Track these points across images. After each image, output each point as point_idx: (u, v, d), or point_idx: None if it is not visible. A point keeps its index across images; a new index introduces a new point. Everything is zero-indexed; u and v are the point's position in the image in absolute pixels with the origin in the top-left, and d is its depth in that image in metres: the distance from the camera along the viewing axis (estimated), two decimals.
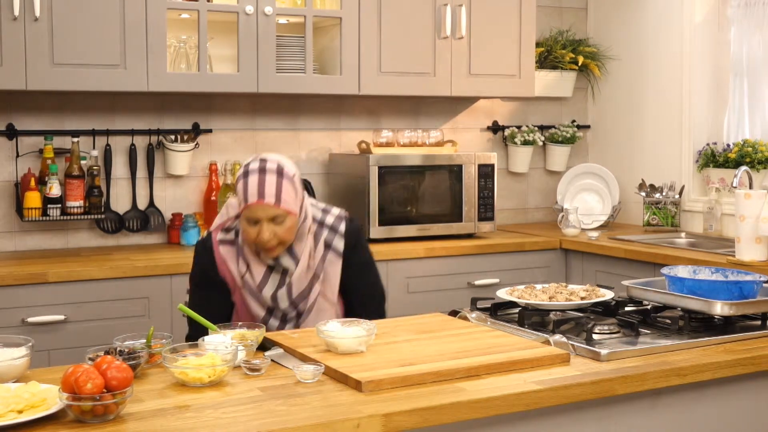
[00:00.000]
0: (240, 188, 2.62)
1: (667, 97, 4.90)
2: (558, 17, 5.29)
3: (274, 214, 2.58)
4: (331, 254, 2.75)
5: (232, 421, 1.78)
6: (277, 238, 2.60)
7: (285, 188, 2.61)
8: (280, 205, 2.58)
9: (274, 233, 2.59)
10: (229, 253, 2.70)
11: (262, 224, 2.59)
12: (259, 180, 2.60)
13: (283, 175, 2.62)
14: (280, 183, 2.60)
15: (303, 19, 4.18)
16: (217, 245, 2.72)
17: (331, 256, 2.75)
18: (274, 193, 2.58)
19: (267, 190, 2.58)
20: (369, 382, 1.97)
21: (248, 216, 2.60)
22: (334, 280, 2.76)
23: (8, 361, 2.00)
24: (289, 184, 2.62)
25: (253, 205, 2.58)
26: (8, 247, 4.05)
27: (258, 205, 2.58)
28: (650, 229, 4.75)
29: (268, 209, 2.58)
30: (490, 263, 4.35)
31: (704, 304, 2.49)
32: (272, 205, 2.58)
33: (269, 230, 2.58)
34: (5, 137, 4.02)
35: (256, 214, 2.58)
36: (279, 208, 2.58)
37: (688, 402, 2.24)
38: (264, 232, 2.58)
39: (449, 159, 4.45)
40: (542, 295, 2.63)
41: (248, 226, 2.61)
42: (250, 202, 2.58)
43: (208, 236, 2.77)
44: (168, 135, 4.26)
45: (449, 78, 4.51)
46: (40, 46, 3.66)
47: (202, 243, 2.77)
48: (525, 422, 2.02)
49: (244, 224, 2.63)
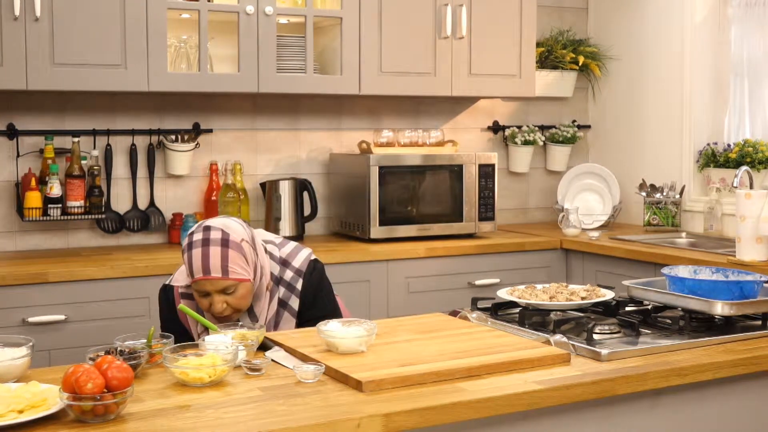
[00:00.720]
0: (185, 260, 2.52)
1: (667, 97, 4.90)
2: (558, 17, 5.29)
3: (223, 286, 2.48)
4: (286, 313, 2.66)
5: (233, 421, 1.78)
6: (231, 307, 2.51)
7: (231, 258, 2.48)
8: (228, 276, 2.47)
9: (226, 304, 2.50)
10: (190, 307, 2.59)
11: (212, 296, 2.50)
12: (203, 253, 2.48)
13: (228, 245, 2.49)
14: (225, 254, 2.48)
15: (303, 19, 4.18)
16: (179, 300, 2.63)
17: (287, 315, 2.66)
18: (219, 266, 2.47)
19: (212, 264, 2.47)
20: (369, 382, 1.97)
21: (197, 289, 2.52)
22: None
23: (9, 361, 2.00)
24: (237, 253, 2.50)
25: (200, 280, 2.49)
26: (9, 247, 4.05)
27: (204, 279, 2.48)
28: (651, 229, 4.75)
29: (216, 283, 2.48)
30: (490, 263, 4.35)
31: (705, 304, 2.49)
32: (219, 278, 2.47)
33: (220, 301, 2.49)
34: (6, 137, 4.02)
35: (204, 287, 2.49)
36: (228, 280, 2.48)
37: (689, 402, 2.24)
38: (216, 304, 2.49)
39: (450, 159, 4.45)
40: (543, 295, 2.63)
41: (200, 298, 2.52)
42: (196, 277, 2.48)
43: (170, 290, 2.67)
44: (168, 135, 4.26)
45: (450, 78, 4.51)
46: (40, 46, 3.66)
47: (165, 296, 2.68)
48: (525, 422, 2.02)
49: (195, 295, 2.54)
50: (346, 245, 4.22)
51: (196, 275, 2.49)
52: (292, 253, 2.72)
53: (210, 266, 2.47)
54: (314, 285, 2.70)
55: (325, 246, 4.15)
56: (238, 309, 2.53)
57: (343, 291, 3.48)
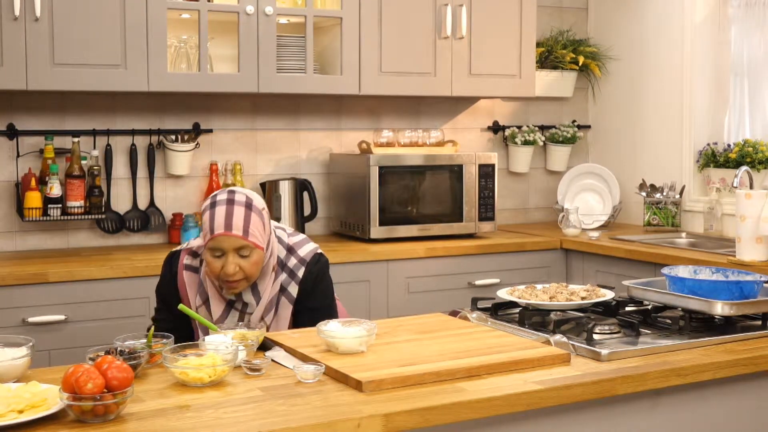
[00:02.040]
0: (206, 219, 2.53)
1: (667, 97, 4.90)
2: (558, 17, 5.29)
3: (240, 245, 2.50)
4: (283, 299, 2.66)
5: (233, 421, 1.78)
6: (242, 272, 2.52)
7: (253, 221, 2.53)
8: (247, 237, 2.50)
9: (239, 267, 2.51)
10: (191, 280, 2.63)
11: (227, 256, 2.50)
12: (227, 211, 2.51)
13: (252, 209, 2.54)
14: (248, 215, 2.52)
15: (303, 19, 4.18)
16: (182, 270, 2.65)
17: (284, 300, 2.66)
18: (242, 225, 2.50)
19: (235, 222, 2.50)
20: (369, 382, 1.97)
21: (213, 247, 2.52)
22: (283, 322, 2.67)
23: (9, 361, 2.00)
24: (258, 218, 2.54)
25: (219, 236, 2.49)
26: (9, 247, 4.05)
27: (225, 236, 2.49)
28: (651, 229, 4.75)
29: (234, 241, 2.49)
30: (490, 263, 4.35)
31: (705, 304, 2.49)
32: (239, 236, 2.49)
33: (234, 263, 2.50)
34: (6, 137, 4.02)
35: (222, 245, 2.50)
36: (246, 241, 2.50)
37: (689, 402, 2.24)
38: (229, 264, 2.49)
39: (450, 159, 4.45)
40: (543, 295, 2.63)
41: (212, 259, 2.52)
42: (217, 232, 2.50)
43: (176, 256, 2.70)
44: (168, 135, 4.26)
45: (450, 78, 4.51)
46: (40, 46, 3.66)
47: (170, 262, 2.70)
48: (525, 422, 2.02)
49: (207, 256, 2.54)
50: (346, 245, 4.22)
51: (216, 231, 2.50)
52: (300, 243, 2.73)
53: (233, 223, 2.50)
54: (315, 276, 2.69)
55: (325, 246, 4.14)
56: (248, 276, 2.54)
57: (343, 291, 3.48)
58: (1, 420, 1.71)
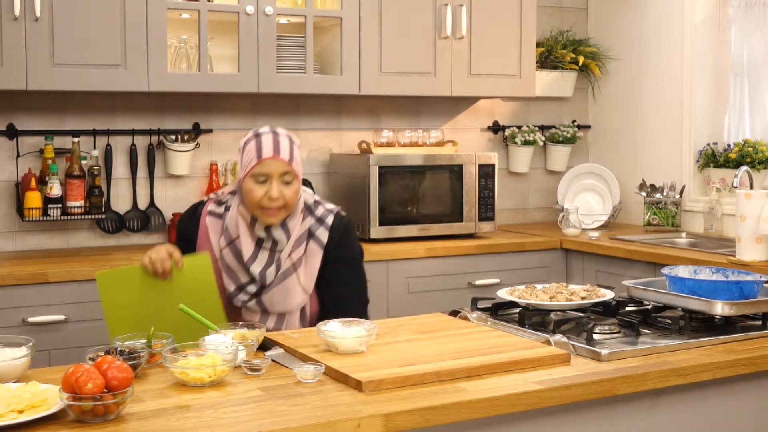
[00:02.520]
0: (251, 147, 2.61)
1: (667, 97, 4.90)
2: (558, 17, 5.29)
3: (285, 170, 2.59)
4: (312, 243, 2.69)
5: (233, 421, 1.78)
6: (284, 199, 2.58)
7: (295, 152, 2.63)
8: (292, 164, 2.60)
9: (282, 193, 2.57)
10: (214, 225, 2.69)
11: (272, 182, 2.57)
12: (273, 138, 2.61)
13: (293, 142, 2.65)
14: (292, 146, 2.63)
15: (303, 19, 4.18)
16: (206, 216, 2.71)
17: (312, 246, 2.69)
18: (288, 152, 2.60)
19: (282, 147, 2.60)
20: (369, 382, 1.97)
21: (258, 172, 2.58)
22: (311, 269, 2.69)
23: (9, 361, 2.00)
24: (297, 150, 2.64)
25: (267, 160, 2.57)
26: (9, 247, 4.05)
27: (273, 159, 2.57)
28: (651, 229, 4.75)
29: (281, 165, 2.58)
30: (490, 263, 4.35)
31: (705, 304, 2.49)
32: (286, 161, 2.58)
33: (278, 188, 2.57)
34: (6, 137, 4.02)
35: (269, 169, 2.58)
36: (290, 167, 2.59)
37: (689, 402, 2.24)
38: (274, 189, 2.56)
39: (450, 159, 4.45)
40: (543, 295, 2.63)
41: (255, 185, 2.58)
42: (265, 156, 2.57)
43: (202, 204, 2.77)
44: (168, 135, 4.26)
45: (450, 78, 4.51)
46: (40, 46, 3.66)
47: (194, 207, 2.78)
48: (525, 422, 2.02)
49: (250, 184, 2.59)
50: None
51: (265, 155, 2.58)
52: (323, 201, 2.81)
53: (281, 149, 2.59)
54: (344, 225, 2.76)
55: None
56: (287, 205, 2.60)
57: None
58: (1, 420, 1.71)
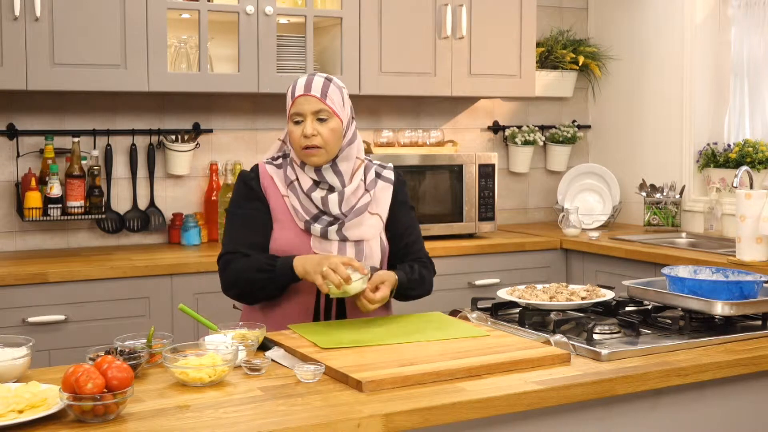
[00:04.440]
0: (289, 89, 2.62)
1: (667, 97, 4.90)
2: (558, 17, 5.30)
3: (318, 107, 2.56)
4: (380, 181, 2.71)
5: (233, 421, 1.78)
6: (320, 137, 2.56)
7: (332, 89, 2.60)
8: (325, 100, 2.57)
9: (316, 130, 2.56)
10: (275, 172, 2.67)
11: (306, 120, 2.57)
12: (307, 80, 2.60)
13: (331, 81, 2.62)
14: (327, 84, 2.60)
15: (304, 19, 4.18)
16: (263, 165, 2.69)
17: (381, 183, 2.70)
18: (320, 89, 2.57)
19: (314, 86, 2.58)
20: (369, 382, 1.97)
21: (294, 112, 2.58)
22: (383, 203, 2.69)
23: (9, 361, 1.99)
24: (337, 90, 2.61)
25: (299, 98, 2.57)
26: (9, 247, 4.05)
27: (304, 97, 2.57)
28: (651, 229, 4.75)
29: (314, 103, 2.56)
30: (490, 263, 4.35)
31: (705, 304, 2.49)
32: (318, 98, 2.57)
33: (312, 126, 2.56)
34: (6, 137, 4.02)
35: (301, 107, 2.57)
36: (324, 104, 2.57)
37: (689, 402, 2.24)
38: (307, 125, 2.55)
39: (450, 159, 4.45)
40: (543, 295, 2.63)
41: (294, 127, 2.59)
42: (297, 94, 2.58)
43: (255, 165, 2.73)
44: (168, 135, 4.26)
45: (450, 78, 4.51)
46: (40, 46, 3.66)
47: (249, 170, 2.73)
48: (525, 422, 2.02)
49: (290, 126, 2.60)
50: None
51: (297, 93, 2.58)
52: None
53: (312, 86, 2.58)
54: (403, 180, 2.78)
55: None
56: (326, 144, 2.57)
57: None
58: (1, 420, 1.71)
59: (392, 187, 2.73)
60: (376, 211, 2.68)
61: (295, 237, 2.62)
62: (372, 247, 2.65)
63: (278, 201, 2.65)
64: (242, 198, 2.68)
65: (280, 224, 2.64)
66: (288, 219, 2.63)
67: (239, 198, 2.68)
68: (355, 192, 2.63)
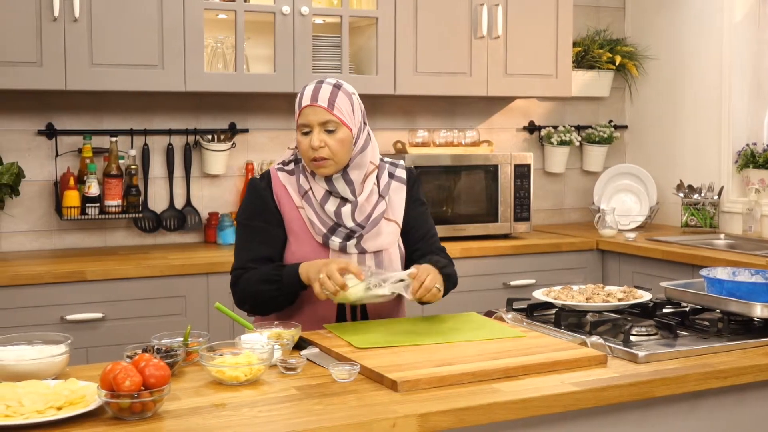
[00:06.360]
0: (297, 99, 2.57)
1: (706, 97, 4.85)
2: (595, 17, 5.26)
3: (325, 119, 2.51)
4: (394, 183, 2.67)
5: (268, 420, 1.78)
6: (328, 148, 2.51)
7: (340, 98, 2.54)
8: (332, 110, 2.52)
9: (324, 141, 2.51)
10: (287, 178, 2.62)
11: (313, 132, 2.52)
12: (314, 88, 2.55)
13: (340, 88, 2.56)
14: (335, 93, 2.54)
15: (339, 19, 4.19)
16: (275, 172, 2.64)
17: (395, 185, 2.67)
18: (327, 99, 2.52)
19: (321, 95, 2.52)
20: (405, 382, 1.96)
21: (302, 123, 2.54)
22: (398, 206, 2.66)
23: (48, 358, 2.01)
24: (346, 98, 2.55)
25: (306, 109, 2.52)
26: (47, 246, 4.09)
27: (311, 108, 2.52)
28: (688, 230, 4.70)
29: (320, 113, 2.51)
30: (526, 264, 4.33)
31: (744, 306, 2.46)
32: (324, 108, 2.51)
33: (320, 138, 2.51)
34: (45, 137, 4.06)
35: (308, 118, 2.52)
36: (331, 114, 2.51)
37: (729, 405, 2.21)
38: (314, 137, 2.50)
39: (485, 159, 4.43)
40: (579, 296, 2.61)
41: (302, 138, 2.54)
42: (303, 105, 2.53)
43: (266, 172, 2.68)
44: (205, 135, 4.28)
45: (485, 78, 4.49)
46: (79, 46, 3.70)
47: (259, 176, 2.68)
48: (562, 423, 2.00)
49: (298, 136, 2.55)
50: None
51: (303, 104, 2.53)
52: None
53: (318, 96, 2.53)
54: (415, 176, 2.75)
55: None
56: (334, 155, 2.52)
57: None
58: (40, 417, 1.73)
59: (405, 187, 2.70)
60: (393, 218, 2.65)
61: (311, 251, 2.57)
62: (391, 255, 2.64)
63: (293, 212, 2.60)
64: (254, 209, 2.62)
65: (296, 237, 2.60)
66: (304, 231, 2.59)
67: (251, 209, 2.63)
68: (368, 199, 2.60)
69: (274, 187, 2.62)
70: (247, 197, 2.66)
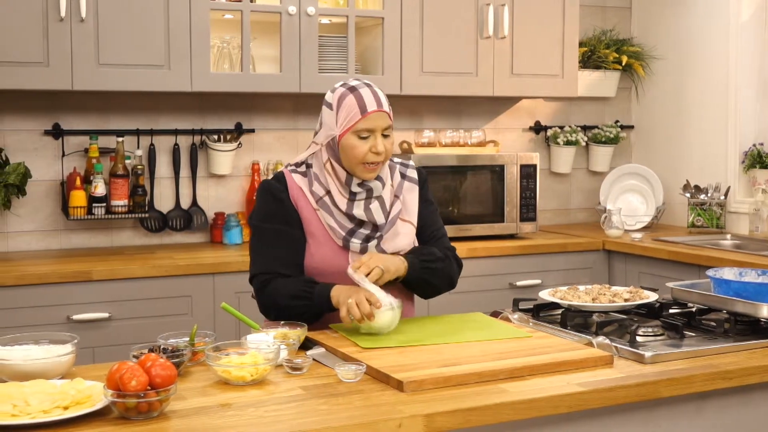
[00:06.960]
0: (351, 101, 2.49)
1: (712, 97, 4.85)
2: (601, 17, 5.25)
3: (387, 124, 2.50)
4: (407, 183, 2.66)
5: (274, 420, 1.78)
6: (386, 152, 2.51)
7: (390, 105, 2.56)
8: (391, 115, 2.52)
9: (384, 146, 2.50)
10: (302, 180, 2.58)
11: (376, 136, 2.48)
12: (372, 92, 2.51)
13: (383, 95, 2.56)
14: (385, 96, 2.54)
15: (345, 19, 4.19)
16: (290, 174, 2.60)
17: (408, 185, 2.65)
18: (387, 104, 2.51)
19: (383, 100, 2.50)
20: (411, 382, 1.96)
21: (363, 128, 2.48)
22: (411, 206, 2.64)
23: (54, 358, 2.02)
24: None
25: (373, 114, 2.47)
26: (54, 245, 4.10)
27: (378, 113, 2.48)
28: (695, 230, 4.70)
29: (385, 119, 2.50)
30: (532, 264, 4.33)
31: (751, 306, 2.46)
32: (388, 114, 2.51)
33: (382, 142, 2.49)
34: (51, 137, 4.07)
35: (374, 123, 2.48)
36: (390, 119, 2.52)
37: (735, 405, 2.21)
38: (379, 143, 2.47)
39: (491, 159, 4.43)
40: (585, 297, 2.61)
41: (359, 142, 2.48)
42: (370, 110, 2.47)
43: (278, 173, 2.64)
44: (211, 135, 4.29)
45: (491, 78, 4.49)
46: (85, 46, 3.70)
47: (272, 177, 2.63)
48: (568, 424, 2.00)
49: (353, 140, 2.48)
50: None
51: (370, 108, 2.48)
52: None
53: (382, 101, 2.51)
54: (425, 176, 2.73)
55: None
56: (387, 157, 2.54)
57: None
58: (47, 416, 1.73)
59: (417, 188, 2.68)
60: (408, 219, 2.64)
61: (331, 253, 2.55)
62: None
63: (311, 214, 2.57)
64: (271, 211, 2.57)
65: (315, 239, 2.56)
66: (323, 234, 2.56)
67: (267, 211, 2.57)
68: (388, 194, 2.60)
69: (290, 188, 2.58)
70: (261, 199, 2.60)
